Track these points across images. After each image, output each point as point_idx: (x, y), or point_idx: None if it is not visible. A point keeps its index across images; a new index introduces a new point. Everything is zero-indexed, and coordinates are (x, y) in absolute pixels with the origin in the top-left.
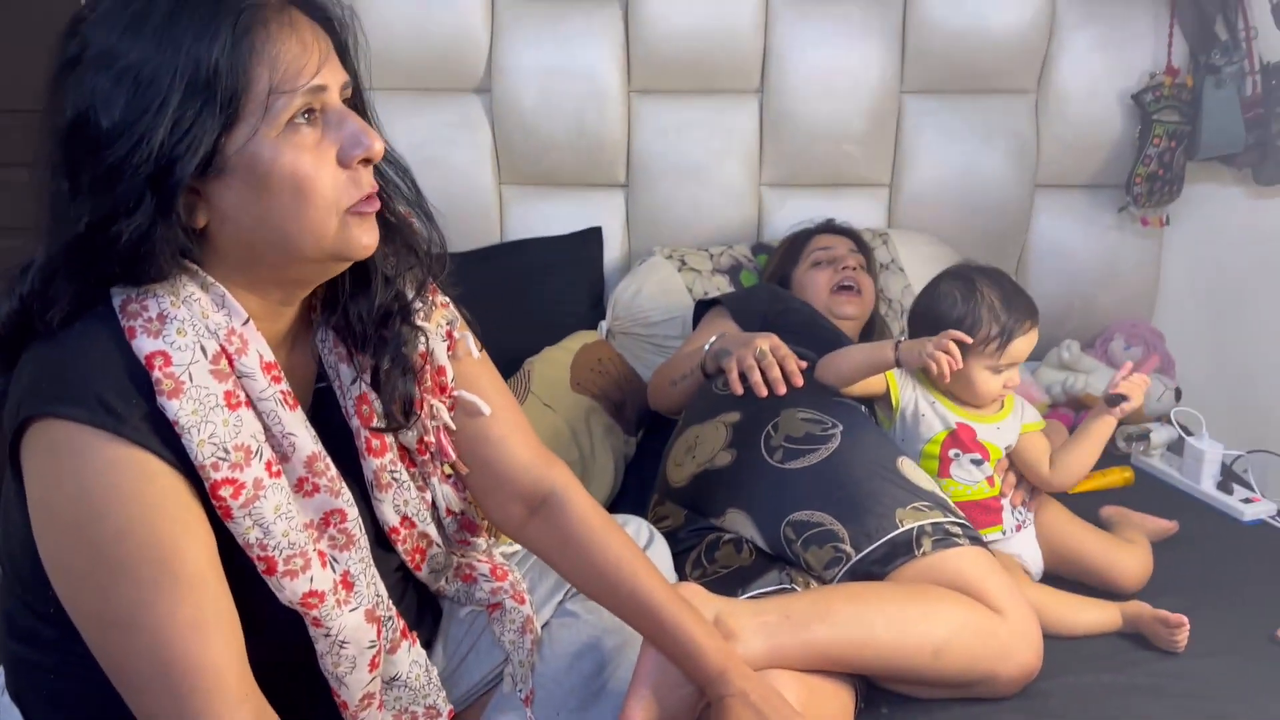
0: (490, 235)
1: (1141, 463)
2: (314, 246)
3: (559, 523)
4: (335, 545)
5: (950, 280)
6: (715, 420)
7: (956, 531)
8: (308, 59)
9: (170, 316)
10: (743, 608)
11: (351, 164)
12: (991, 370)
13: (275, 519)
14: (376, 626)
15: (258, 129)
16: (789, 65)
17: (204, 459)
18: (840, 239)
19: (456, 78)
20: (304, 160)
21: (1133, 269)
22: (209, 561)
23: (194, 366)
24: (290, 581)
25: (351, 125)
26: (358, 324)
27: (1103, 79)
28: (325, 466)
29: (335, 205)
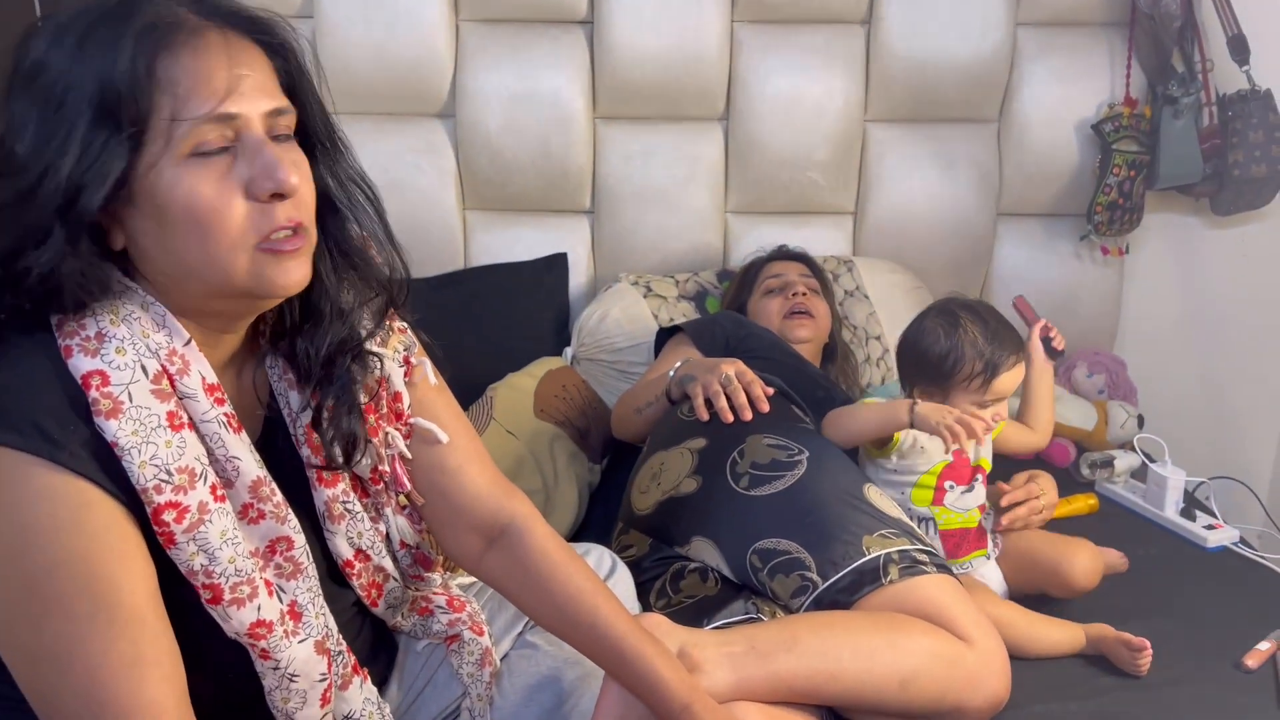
0: (454, 261)
1: (1106, 490)
2: (224, 282)
3: (518, 554)
4: (282, 574)
5: (934, 316)
6: (680, 447)
7: (923, 559)
8: (215, 85)
9: (109, 335)
10: (707, 639)
11: (261, 197)
12: (978, 406)
13: (221, 545)
14: (327, 659)
15: (159, 158)
16: (754, 92)
17: (145, 481)
18: (791, 265)
19: (420, 102)
20: (202, 191)
21: (1094, 297)
22: (148, 596)
23: (134, 386)
24: (237, 611)
25: (265, 157)
26: (304, 359)
27: (1063, 109)
28: (270, 492)
29: (241, 240)
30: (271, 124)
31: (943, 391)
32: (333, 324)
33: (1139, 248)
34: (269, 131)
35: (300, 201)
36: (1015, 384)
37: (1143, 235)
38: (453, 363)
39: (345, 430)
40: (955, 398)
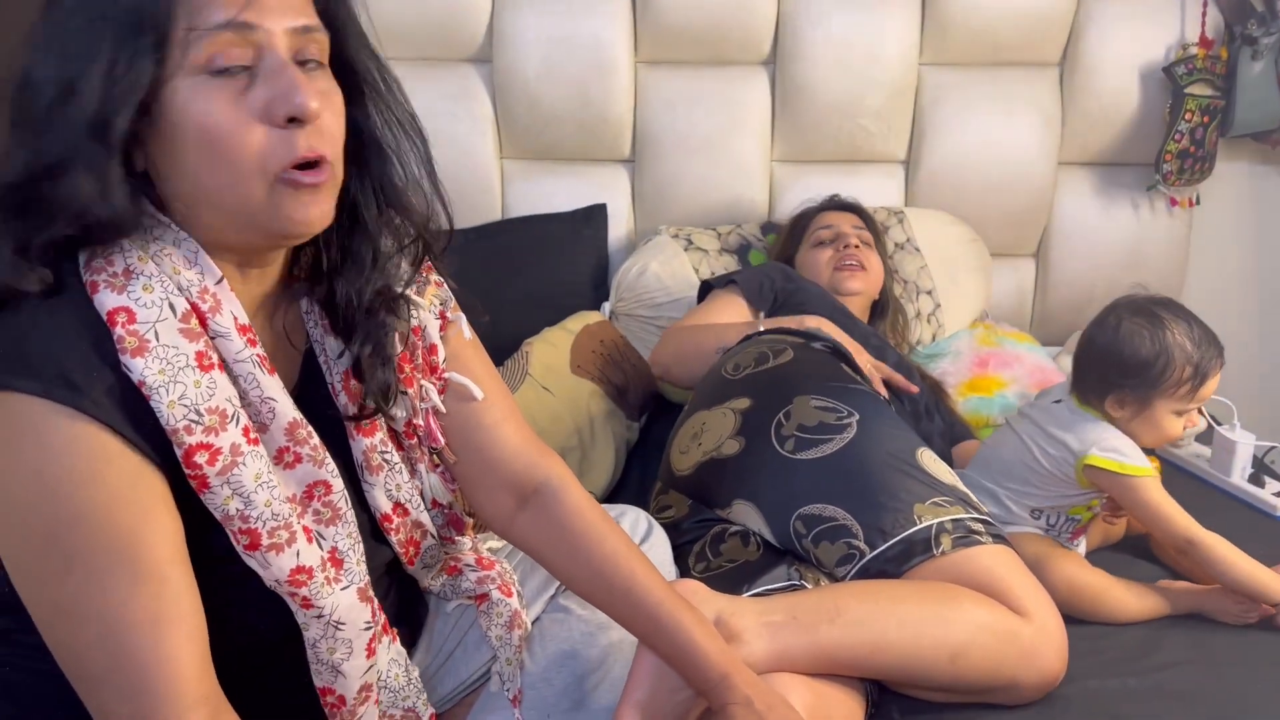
0: (491, 211)
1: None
2: (239, 212)
3: (550, 515)
4: (321, 520)
5: (1132, 317)
6: (723, 406)
7: (978, 528)
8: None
9: (137, 272)
10: (747, 607)
11: (278, 122)
12: (1177, 414)
13: (256, 488)
14: (371, 606)
15: (175, 72)
16: (803, 35)
17: (175, 422)
18: (844, 215)
19: (455, 46)
20: (217, 109)
21: (1160, 251)
22: (171, 552)
23: (161, 324)
24: (276, 557)
25: (285, 78)
26: (342, 304)
27: (1132, 51)
28: (307, 434)
29: (259, 168)
30: (298, 45)
31: (1142, 400)
32: (373, 270)
33: (1209, 199)
34: (295, 54)
35: (323, 131)
36: (1213, 389)
37: (1214, 186)
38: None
39: (380, 380)
40: (1158, 403)
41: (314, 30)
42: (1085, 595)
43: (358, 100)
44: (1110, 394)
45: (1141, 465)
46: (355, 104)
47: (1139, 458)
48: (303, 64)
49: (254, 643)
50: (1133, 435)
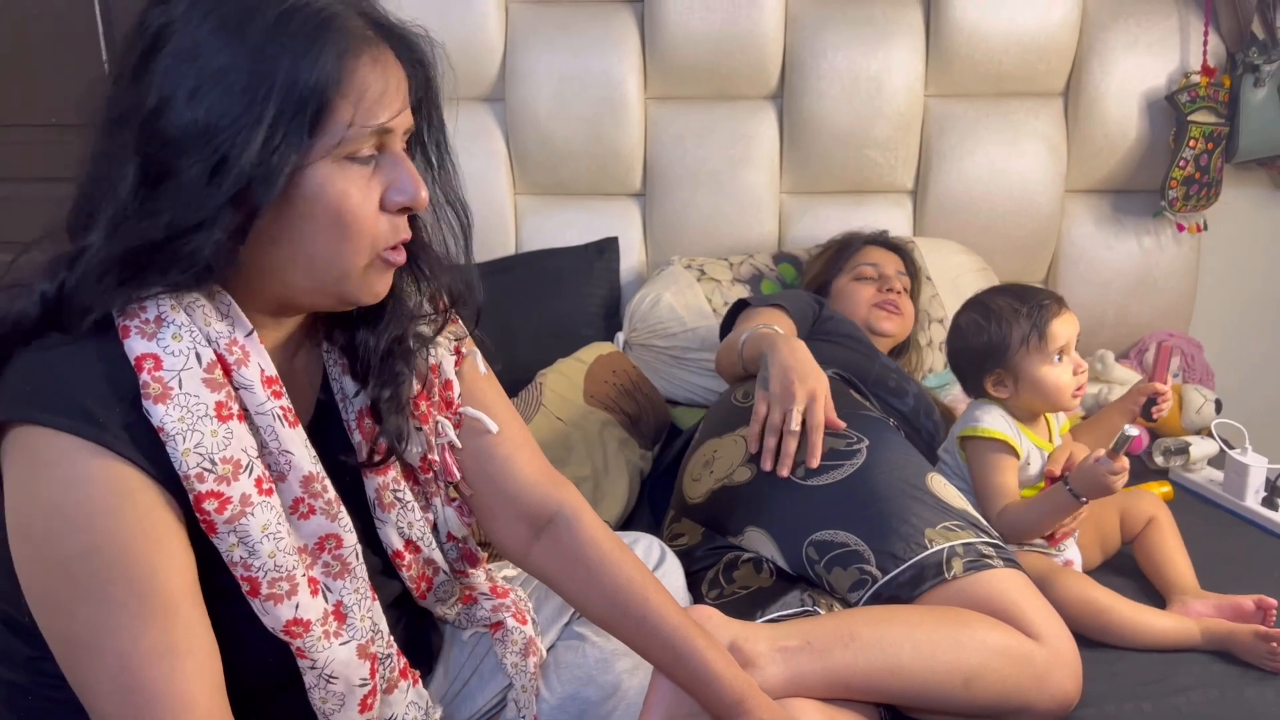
0: (505, 246)
1: (1181, 478)
2: (336, 281)
3: (565, 543)
4: (330, 573)
5: (966, 312)
6: (734, 434)
7: (989, 552)
8: (390, 99)
9: (168, 320)
10: (761, 632)
11: (392, 209)
12: (1048, 363)
13: (262, 539)
14: (370, 664)
15: (320, 157)
16: (810, 69)
17: (188, 469)
18: (890, 257)
19: (469, 85)
20: (352, 193)
21: (1168, 277)
22: (184, 585)
23: (185, 373)
24: (274, 606)
25: (404, 171)
26: (362, 351)
27: (1135, 80)
28: (323, 488)
29: (372, 245)
30: (403, 141)
31: (1011, 371)
32: (393, 324)
33: (1217, 224)
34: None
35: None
36: (1072, 329)
37: (1221, 211)
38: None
39: (394, 425)
40: (1024, 368)
41: (411, 131)
42: (1090, 610)
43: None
44: (985, 380)
45: (993, 429)
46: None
47: (997, 425)
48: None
49: (261, 680)
50: (1029, 407)
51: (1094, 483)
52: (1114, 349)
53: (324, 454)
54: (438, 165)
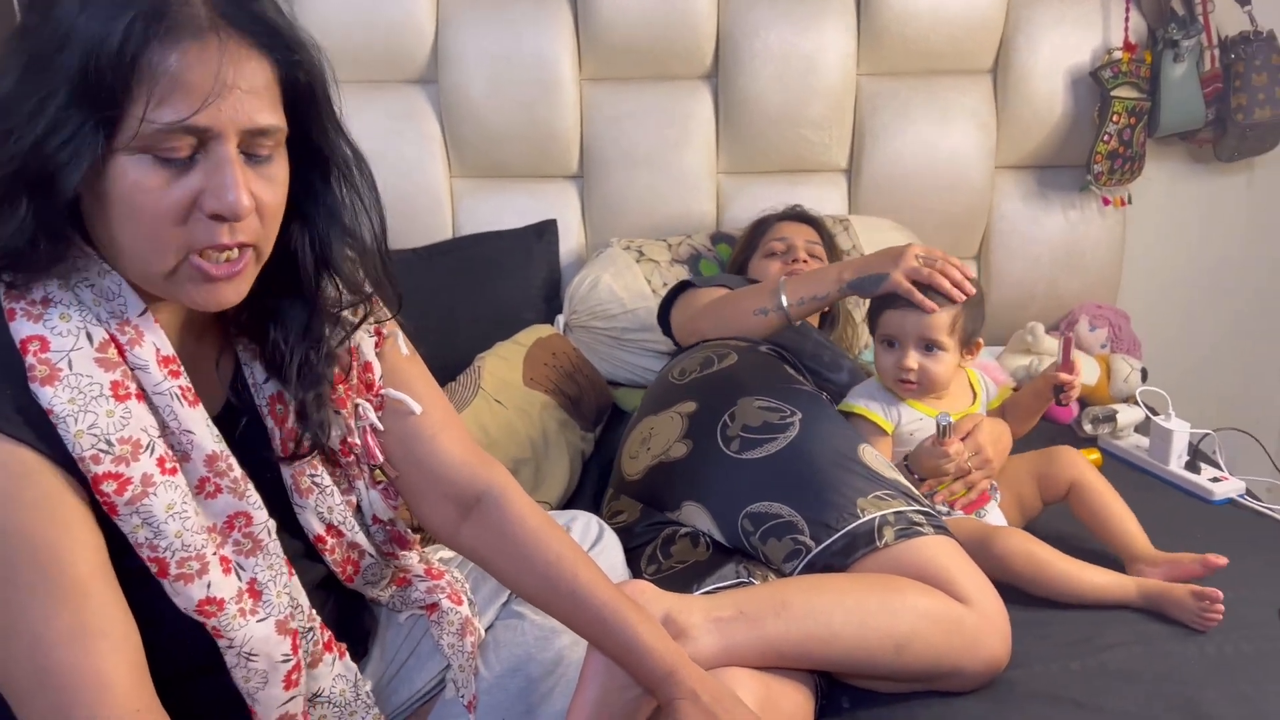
0: (442, 230)
1: (1109, 445)
2: (146, 277)
3: (494, 522)
4: (241, 550)
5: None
6: (670, 411)
7: (920, 520)
8: (193, 96)
9: (55, 301)
10: (694, 604)
11: (205, 212)
12: (882, 343)
13: (167, 519)
14: (291, 639)
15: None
16: (743, 49)
17: (83, 451)
18: (801, 228)
19: (401, 67)
20: (147, 189)
21: (1095, 249)
22: (93, 565)
23: (75, 353)
24: (184, 586)
25: (223, 177)
26: (274, 350)
27: (1060, 56)
28: (228, 467)
29: (173, 243)
30: (251, 142)
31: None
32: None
33: (1141, 197)
34: (246, 148)
35: (249, 226)
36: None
37: (1145, 185)
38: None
39: (315, 421)
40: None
41: (271, 132)
42: (1033, 565)
43: (318, 172)
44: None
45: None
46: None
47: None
48: (257, 151)
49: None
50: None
51: (927, 465)
52: (1044, 321)
53: (237, 439)
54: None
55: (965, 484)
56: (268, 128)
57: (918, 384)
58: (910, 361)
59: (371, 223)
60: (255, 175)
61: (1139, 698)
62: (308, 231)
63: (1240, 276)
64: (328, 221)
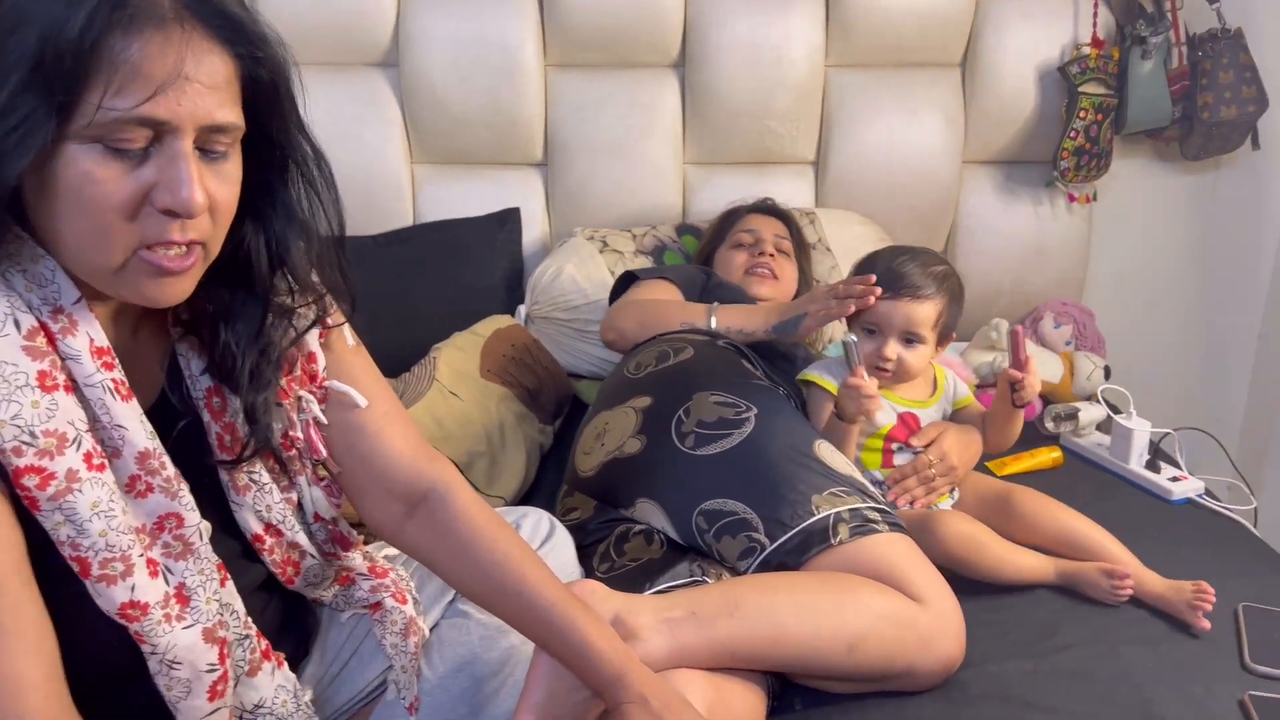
0: (403, 217)
1: (1070, 443)
2: (93, 272)
3: (439, 520)
4: (170, 554)
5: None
6: (625, 406)
7: (875, 518)
8: (149, 86)
9: None
10: (644, 604)
11: (157, 207)
12: (862, 330)
13: (91, 516)
14: (218, 648)
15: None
16: (711, 39)
17: (4, 442)
18: (769, 221)
19: (361, 50)
20: (98, 180)
21: (1061, 246)
22: (11, 563)
23: (2, 340)
24: (106, 588)
25: (176, 172)
26: (224, 352)
27: (1029, 52)
28: (160, 465)
29: (122, 238)
30: (208, 138)
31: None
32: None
33: (1107, 194)
34: (202, 144)
35: (201, 224)
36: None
37: (1111, 182)
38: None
39: (264, 424)
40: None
41: (229, 129)
42: (970, 545)
43: (276, 170)
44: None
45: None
46: (273, 171)
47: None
48: (208, 151)
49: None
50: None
51: (849, 403)
52: (1010, 317)
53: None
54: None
55: (926, 488)
56: (226, 125)
57: (893, 374)
58: (890, 351)
59: (330, 223)
60: (210, 172)
61: (1091, 698)
62: (263, 231)
63: (1204, 276)
64: (284, 221)
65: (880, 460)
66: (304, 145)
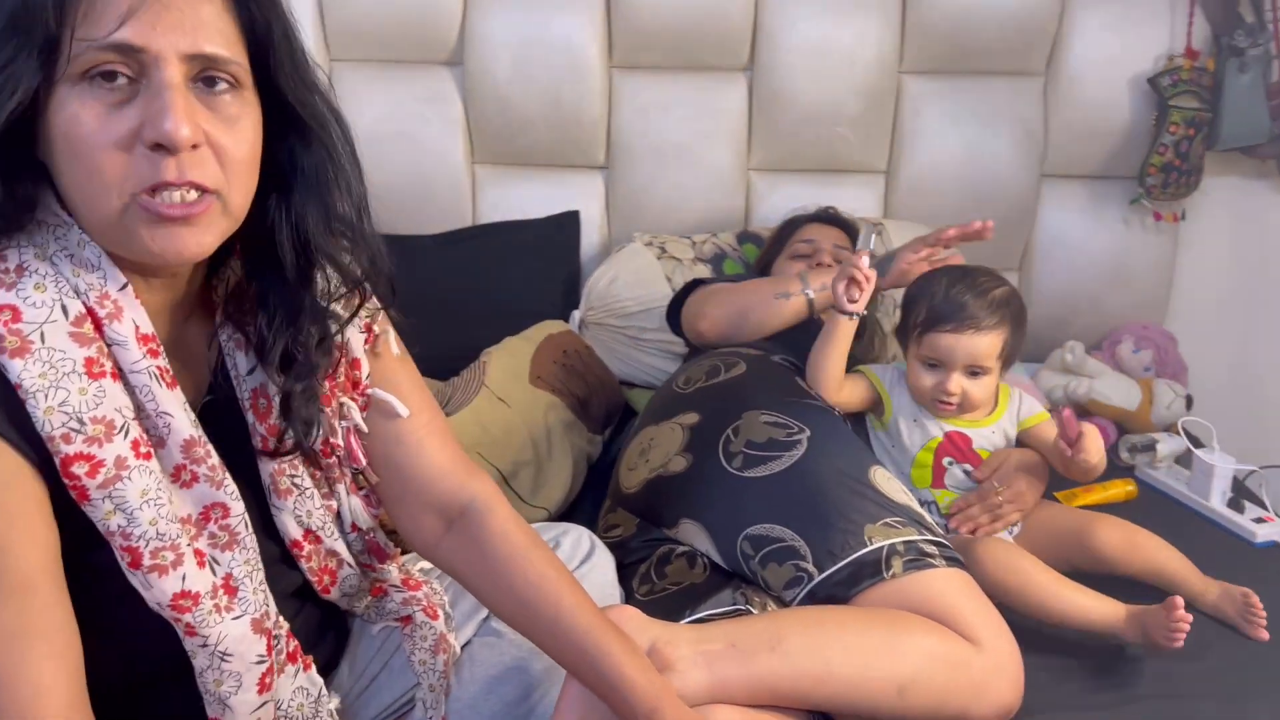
0: (462, 217)
1: (1146, 475)
2: (99, 228)
3: (475, 537)
4: (216, 544)
5: (930, 272)
6: (671, 421)
7: (931, 551)
8: (116, 10)
9: (30, 270)
10: (683, 635)
11: (146, 144)
12: (920, 363)
13: (141, 504)
14: (266, 639)
15: (61, 75)
16: (780, 41)
17: (52, 429)
18: (829, 231)
19: (427, 48)
20: (84, 118)
21: (1144, 267)
22: (43, 565)
23: (49, 326)
24: (158, 579)
25: (159, 101)
26: (259, 336)
27: (1117, 61)
28: (206, 454)
29: (117, 184)
30: (197, 68)
31: (906, 345)
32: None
33: (1196, 213)
34: (195, 75)
35: (205, 161)
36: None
37: (1201, 200)
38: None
39: (304, 416)
40: (910, 349)
41: (220, 61)
42: (1014, 576)
43: (286, 131)
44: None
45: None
46: (284, 134)
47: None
48: (210, 83)
49: (141, 668)
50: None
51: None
52: (1086, 339)
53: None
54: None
55: (991, 515)
56: (214, 55)
57: (957, 407)
58: (954, 386)
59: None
60: (207, 112)
61: None
62: (284, 202)
63: None
64: (304, 190)
65: (930, 478)
66: (316, 104)
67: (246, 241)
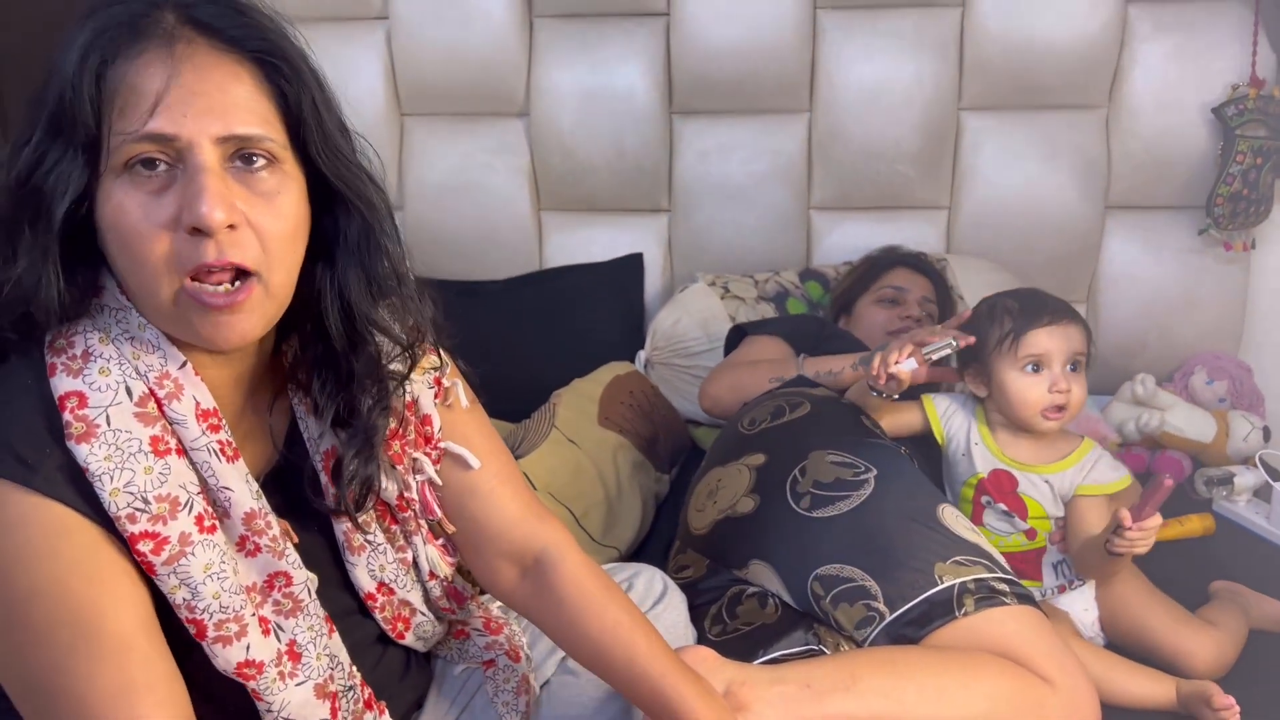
0: (529, 263)
1: (1224, 509)
2: (154, 312)
3: (549, 585)
4: (280, 611)
5: (976, 312)
6: (738, 463)
7: (1003, 589)
8: (146, 103)
9: (95, 355)
10: (758, 676)
11: (185, 229)
12: (1019, 370)
13: (204, 579)
14: (330, 703)
15: (105, 170)
16: (838, 81)
17: (119, 509)
18: (919, 280)
19: (494, 101)
20: (129, 207)
21: (1215, 297)
22: (137, 622)
23: (114, 408)
24: (223, 649)
25: (193, 186)
26: (319, 397)
27: (1180, 91)
28: (267, 524)
29: (165, 269)
30: (232, 148)
31: (987, 370)
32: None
33: (1266, 242)
34: (231, 155)
35: (242, 241)
36: (1059, 344)
37: (1271, 229)
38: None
39: (361, 476)
40: (996, 370)
41: (254, 140)
42: None
43: (329, 200)
44: (965, 372)
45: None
46: (328, 204)
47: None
48: (248, 160)
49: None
50: (1001, 412)
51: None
52: (1156, 372)
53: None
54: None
55: None
56: (247, 135)
57: (1066, 407)
58: (1064, 383)
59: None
60: (245, 190)
61: None
62: (329, 270)
63: None
64: (346, 257)
65: (970, 512)
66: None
67: (298, 311)
